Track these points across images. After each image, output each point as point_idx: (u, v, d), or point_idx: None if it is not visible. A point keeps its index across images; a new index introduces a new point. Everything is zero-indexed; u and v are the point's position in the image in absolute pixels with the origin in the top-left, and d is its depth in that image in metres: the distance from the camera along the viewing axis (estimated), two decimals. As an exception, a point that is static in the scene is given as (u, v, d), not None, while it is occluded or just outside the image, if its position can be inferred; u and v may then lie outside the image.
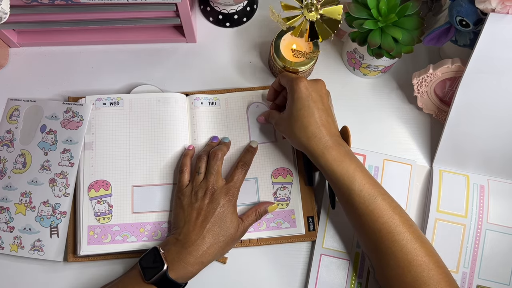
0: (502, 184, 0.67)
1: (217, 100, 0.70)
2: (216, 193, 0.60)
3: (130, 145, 0.67)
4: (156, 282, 0.55)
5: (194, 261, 0.57)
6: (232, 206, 0.60)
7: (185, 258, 0.57)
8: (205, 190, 0.60)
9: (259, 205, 0.63)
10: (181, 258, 0.57)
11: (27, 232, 0.64)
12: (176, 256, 0.57)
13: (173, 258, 0.57)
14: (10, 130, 0.68)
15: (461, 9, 0.58)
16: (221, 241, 0.58)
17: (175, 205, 0.62)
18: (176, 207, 0.62)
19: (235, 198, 0.61)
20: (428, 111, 0.71)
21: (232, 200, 0.61)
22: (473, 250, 0.64)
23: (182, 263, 0.56)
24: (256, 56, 0.75)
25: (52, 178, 0.65)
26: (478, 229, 0.64)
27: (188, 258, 0.57)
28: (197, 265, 0.57)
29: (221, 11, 0.74)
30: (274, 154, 0.68)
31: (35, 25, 0.68)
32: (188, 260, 0.57)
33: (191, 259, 0.57)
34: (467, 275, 0.63)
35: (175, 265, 0.56)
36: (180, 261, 0.56)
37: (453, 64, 0.63)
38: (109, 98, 0.69)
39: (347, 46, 0.71)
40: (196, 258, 0.57)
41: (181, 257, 0.57)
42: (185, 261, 0.56)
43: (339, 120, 0.67)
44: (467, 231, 0.64)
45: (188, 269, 0.57)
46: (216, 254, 0.59)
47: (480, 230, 0.64)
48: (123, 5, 0.63)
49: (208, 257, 0.58)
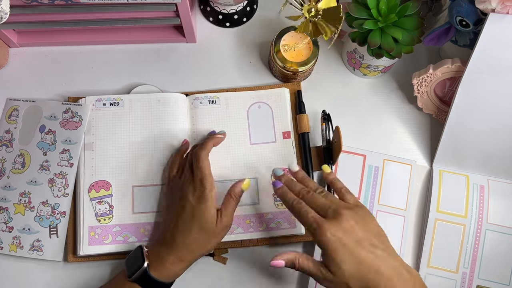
0: (502, 184, 0.67)
1: (217, 98, 0.70)
2: (184, 189, 0.59)
3: (130, 145, 0.67)
4: (137, 279, 0.55)
5: (173, 260, 0.56)
6: (204, 199, 0.57)
7: (165, 257, 0.56)
8: (178, 188, 0.60)
9: (232, 188, 0.59)
10: (162, 257, 0.56)
11: (26, 232, 0.63)
12: (157, 255, 0.56)
13: (155, 257, 0.56)
14: (9, 130, 0.68)
15: (461, 9, 0.58)
16: (200, 237, 0.56)
17: None
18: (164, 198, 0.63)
19: (207, 189, 0.57)
20: (428, 111, 0.71)
21: (204, 192, 0.57)
22: (473, 250, 0.64)
23: (162, 262, 0.56)
24: (256, 56, 0.75)
25: (51, 178, 0.65)
26: (478, 229, 0.64)
27: (167, 257, 0.56)
28: (178, 264, 0.56)
29: (221, 11, 0.74)
30: (274, 154, 0.68)
31: (35, 25, 0.68)
32: (167, 259, 0.56)
33: (170, 258, 0.56)
34: (467, 275, 0.63)
35: (156, 263, 0.56)
36: (160, 260, 0.56)
37: (453, 64, 0.63)
38: (109, 99, 0.69)
39: (347, 46, 0.71)
40: (175, 256, 0.56)
41: (161, 255, 0.56)
42: (165, 260, 0.56)
43: (339, 120, 0.67)
44: (467, 231, 0.64)
45: (169, 268, 0.56)
46: (197, 250, 0.57)
47: (480, 230, 0.64)
48: (123, 5, 0.63)
49: (188, 255, 0.56)
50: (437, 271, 0.63)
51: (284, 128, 0.69)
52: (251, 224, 0.65)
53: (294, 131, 0.69)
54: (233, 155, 0.68)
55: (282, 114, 0.70)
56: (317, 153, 0.69)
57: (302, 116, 0.69)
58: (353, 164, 0.68)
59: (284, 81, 0.73)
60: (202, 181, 0.58)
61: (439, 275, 0.63)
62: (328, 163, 0.66)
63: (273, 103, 0.70)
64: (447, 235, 0.64)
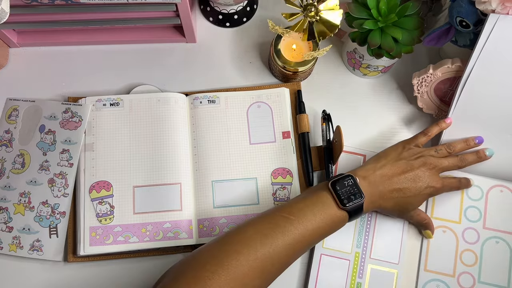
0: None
1: (217, 98, 0.70)
2: (423, 158, 0.60)
3: (131, 145, 0.67)
4: (351, 211, 0.56)
5: (381, 191, 0.58)
6: (432, 174, 0.60)
7: (375, 185, 0.58)
8: (418, 152, 0.61)
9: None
10: (372, 183, 0.58)
11: (26, 232, 0.63)
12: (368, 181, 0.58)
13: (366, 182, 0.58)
14: (9, 130, 0.68)
15: (461, 10, 0.58)
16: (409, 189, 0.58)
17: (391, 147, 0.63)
18: (389, 148, 0.63)
19: (438, 171, 0.61)
20: (428, 111, 0.71)
21: (434, 169, 0.60)
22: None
23: (371, 187, 0.57)
24: (256, 56, 0.75)
25: (51, 178, 0.65)
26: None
27: (378, 186, 0.58)
28: (379, 198, 0.58)
29: (221, 11, 0.74)
30: (274, 154, 0.68)
31: (35, 25, 0.68)
32: (376, 186, 0.58)
33: (379, 187, 0.58)
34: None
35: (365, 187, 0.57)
36: (370, 185, 0.57)
37: (453, 64, 0.63)
38: (109, 99, 0.69)
39: (347, 46, 0.71)
40: (383, 187, 0.58)
41: (373, 181, 0.58)
42: (375, 186, 0.58)
43: (339, 120, 0.67)
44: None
45: (374, 196, 0.57)
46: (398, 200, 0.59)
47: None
48: (123, 5, 0.63)
49: (390, 194, 0.58)
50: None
51: (284, 128, 0.69)
52: (251, 224, 0.65)
53: (294, 131, 0.69)
54: (232, 155, 0.68)
55: (282, 114, 0.70)
56: (317, 153, 0.69)
57: (302, 116, 0.69)
58: (353, 164, 0.68)
59: (284, 81, 0.73)
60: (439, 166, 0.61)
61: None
62: (328, 163, 0.66)
63: (273, 103, 0.70)
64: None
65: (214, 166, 0.67)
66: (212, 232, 0.64)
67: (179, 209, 0.65)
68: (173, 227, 0.64)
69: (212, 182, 0.66)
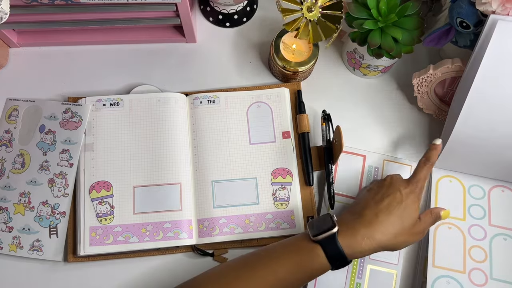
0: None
1: (217, 98, 0.70)
2: (396, 180, 0.60)
3: (131, 145, 0.67)
4: (323, 241, 0.54)
5: (365, 234, 0.54)
6: (412, 199, 0.58)
7: (358, 229, 0.55)
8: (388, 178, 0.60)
9: (435, 208, 0.60)
10: (354, 228, 0.55)
11: (26, 232, 0.63)
12: (347, 225, 0.56)
13: (345, 227, 0.55)
14: (9, 130, 0.68)
15: (462, 11, 0.58)
16: (396, 226, 0.56)
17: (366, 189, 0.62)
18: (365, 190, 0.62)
19: (417, 191, 0.59)
20: (428, 111, 0.71)
21: (414, 191, 0.58)
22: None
23: (353, 233, 0.55)
24: (256, 56, 0.75)
25: (51, 178, 0.65)
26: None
27: (360, 230, 0.55)
28: (367, 241, 0.54)
29: (221, 11, 0.74)
30: (274, 154, 0.68)
31: (35, 25, 0.68)
32: (359, 232, 0.55)
33: (361, 229, 0.55)
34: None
35: (345, 232, 0.55)
36: (350, 230, 0.55)
37: (453, 64, 0.63)
38: (109, 99, 0.69)
39: (347, 46, 0.71)
40: (369, 232, 0.55)
41: (354, 226, 0.55)
42: (357, 232, 0.55)
43: (339, 120, 0.68)
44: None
45: (358, 241, 0.54)
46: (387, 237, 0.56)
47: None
48: (123, 5, 0.63)
49: (378, 235, 0.55)
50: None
51: (283, 128, 0.69)
52: (251, 224, 0.65)
53: (294, 131, 0.69)
54: (232, 155, 0.68)
55: (282, 114, 0.70)
56: (317, 153, 0.69)
57: (302, 116, 0.69)
58: (353, 164, 0.68)
59: (284, 81, 0.73)
60: (418, 182, 0.59)
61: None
62: (328, 163, 0.66)
63: (273, 103, 0.70)
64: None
65: (214, 166, 0.67)
66: (212, 232, 0.64)
67: (179, 209, 0.65)
68: (173, 227, 0.64)
69: (212, 182, 0.66)
